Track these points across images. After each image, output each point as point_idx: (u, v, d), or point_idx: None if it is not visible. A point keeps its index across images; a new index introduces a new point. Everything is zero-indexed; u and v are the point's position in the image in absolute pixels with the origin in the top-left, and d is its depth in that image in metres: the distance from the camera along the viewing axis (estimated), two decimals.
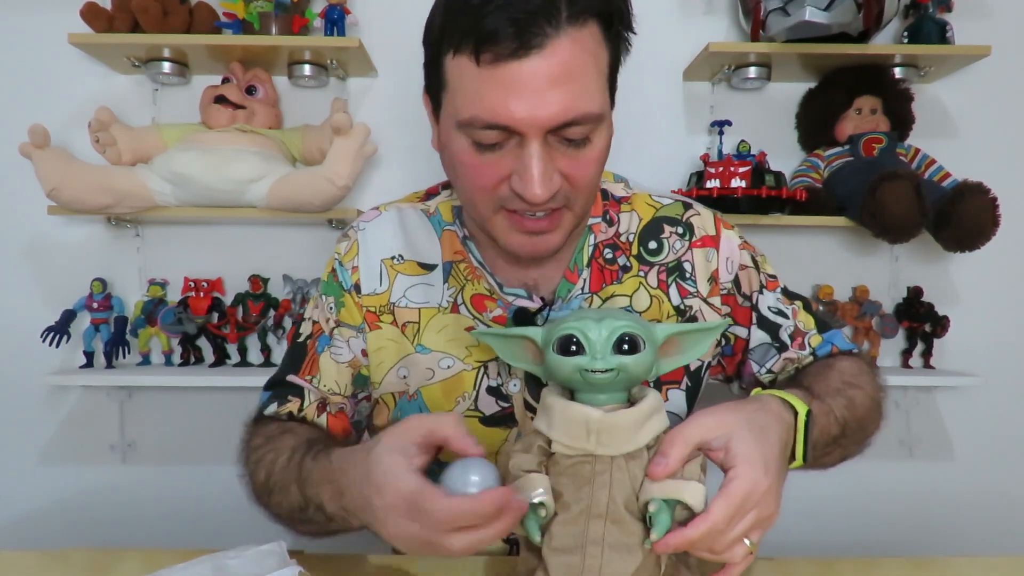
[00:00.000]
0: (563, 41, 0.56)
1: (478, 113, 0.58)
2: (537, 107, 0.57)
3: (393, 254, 0.76)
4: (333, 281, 0.77)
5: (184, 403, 1.46)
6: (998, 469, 1.50)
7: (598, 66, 0.60)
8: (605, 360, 0.50)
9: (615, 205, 0.78)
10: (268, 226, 1.44)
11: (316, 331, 0.77)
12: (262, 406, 0.77)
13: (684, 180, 1.41)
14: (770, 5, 1.24)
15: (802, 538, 1.45)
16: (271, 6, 1.28)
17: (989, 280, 1.46)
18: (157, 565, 0.59)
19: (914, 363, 1.46)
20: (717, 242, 0.76)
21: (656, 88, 1.43)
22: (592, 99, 0.59)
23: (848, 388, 0.68)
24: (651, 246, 0.76)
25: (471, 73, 0.58)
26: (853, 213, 1.28)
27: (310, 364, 0.76)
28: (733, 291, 0.77)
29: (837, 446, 0.65)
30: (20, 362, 1.43)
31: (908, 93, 1.37)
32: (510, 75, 0.56)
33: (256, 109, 1.31)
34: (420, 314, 0.74)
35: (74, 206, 1.24)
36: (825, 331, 0.77)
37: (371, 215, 0.80)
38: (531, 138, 0.58)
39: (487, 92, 0.57)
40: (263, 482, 0.66)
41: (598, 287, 0.74)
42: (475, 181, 0.63)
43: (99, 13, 1.25)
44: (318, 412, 0.75)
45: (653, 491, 0.49)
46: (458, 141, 0.62)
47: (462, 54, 0.58)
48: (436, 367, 0.74)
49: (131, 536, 1.46)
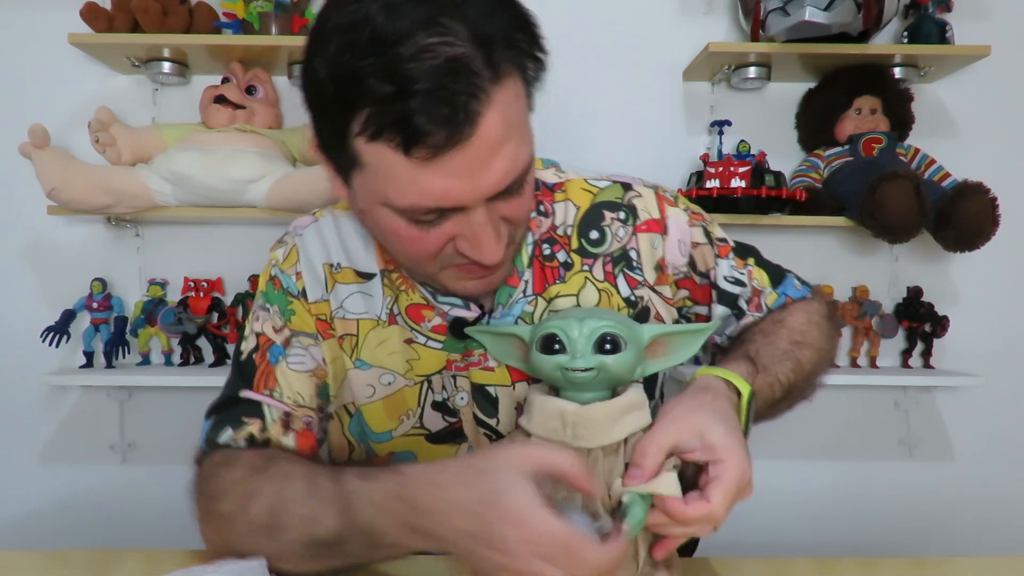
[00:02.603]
0: (492, 112, 0.51)
1: (417, 201, 0.54)
2: (481, 183, 0.54)
3: (332, 261, 0.70)
4: (275, 289, 0.69)
5: (184, 403, 1.45)
6: (998, 469, 1.50)
7: (524, 109, 0.57)
8: (585, 359, 0.51)
9: (548, 194, 0.72)
10: (268, 226, 1.44)
11: (264, 343, 0.68)
12: (209, 436, 0.66)
13: (684, 180, 1.41)
14: (770, 5, 1.24)
15: (802, 538, 1.44)
16: (271, 6, 1.28)
17: (989, 280, 1.46)
18: (157, 565, 0.59)
19: (914, 363, 1.46)
20: (663, 225, 0.71)
21: (656, 88, 1.43)
22: (527, 147, 0.57)
23: (796, 348, 0.68)
24: (592, 236, 0.71)
25: (400, 165, 0.52)
26: (853, 213, 1.28)
27: (264, 377, 0.66)
28: (690, 273, 0.73)
29: (782, 405, 0.67)
30: (20, 362, 1.43)
31: (908, 93, 1.37)
32: (447, 165, 0.52)
33: (256, 109, 1.31)
34: (359, 326, 0.69)
35: (74, 206, 1.24)
36: (779, 283, 0.76)
37: (306, 220, 0.73)
38: (476, 208, 0.55)
39: (425, 182, 0.53)
40: (263, 517, 0.56)
41: (541, 288, 0.69)
42: (415, 250, 0.59)
43: (99, 13, 1.25)
44: (283, 430, 0.65)
45: (629, 488, 0.49)
46: (388, 217, 0.57)
47: (382, 143, 0.51)
48: (377, 383, 0.69)
49: (131, 536, 1.45)
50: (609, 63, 1.41)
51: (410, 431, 0.69)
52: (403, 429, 0.69)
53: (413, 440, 0.69)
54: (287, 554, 0.56)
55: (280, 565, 0.56)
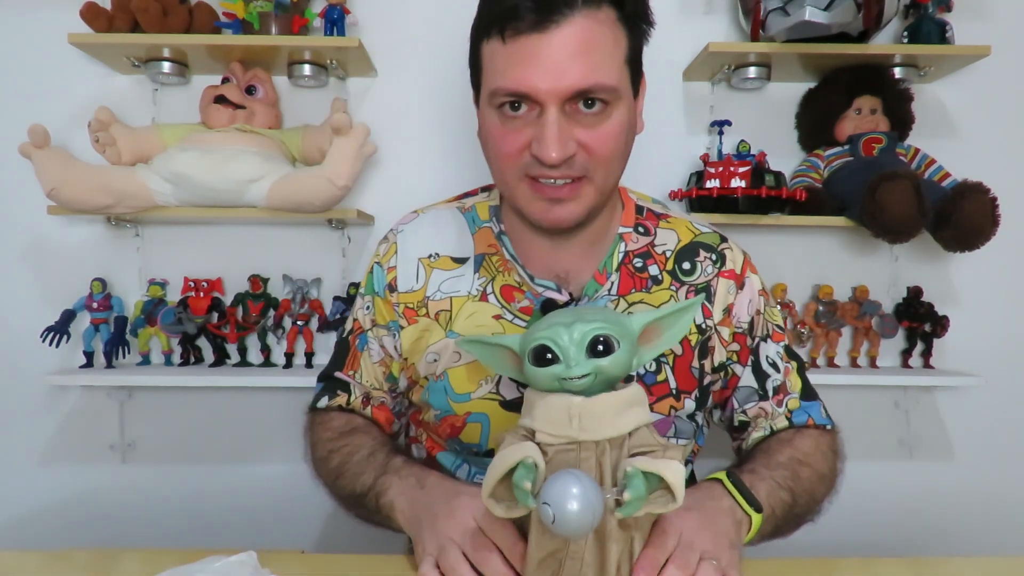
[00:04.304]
0: (578, 18, 0.62)
1: (502, 84, 0.65)
2: (554, 76, 0.63)
3: (429, 252, 0.82)
4: (371, 282, 0.85)
5: (184, 403, 1.46)
6: (998, 469, 1.50)
7: (614, 45, 0.66)
8: (580, 366, 0.50)
9: (654, 219, 0.83)
10: (268, 226, 1.44)
11: (357, 328, 0.86)
12: (316, 397, 0.87)
13: (684, 180, 1.41)
14: (770, 5, 1.24)
15: (802, 538, 1.44)
16: (271, 6, 1.28)
17: (989, 280, 1.46)
18: (157, 565, 0.59)
19: (914, 363, 1.46)
20: (741, 281, 0.81)
21: (656, 88, 1.41)
22: (608, 73, 0.65)
23: (795, 464, 0.74)
24: (685, 267, 0.81)
25: (499, 51, 0.65)
26: (853, 213, 1.28)
27: (352, 360, 0.86)
28: (746, 332, 0.81)
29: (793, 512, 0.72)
30: (20, 362, 1.43)
31: (908, 93, 1.37)
32: (530, 48, 0.63)
33: (256, 109, 1.31)
34: (452, 303, 0.80)
35: (74, 206, 1.24)
36: (808, 399, 0.82)
37: (408, 218, 0.87)
38: (549, 105, 0.64)
39: (510, 64, 0.64)
40: (335, 467, 0.77)
41: (626, 291, 0.78)
42: (500, 149, 0.69)
43: (99, 13, 1.25)
44: (363, 405, 0.85)
45: (635, 463, 0.49)
46: (488, 117, 0.69)
47: (492, 38, 0.66)
48: (463, 350, 0.78)
49: (131, 536, 1.45)
50: None
51: (487, 395, 0.77)
52: (480, 393, 0.78)
53: (488, 404, 0.77)
54: (341, 497, 0.76)
55: (342, 505, 0.77)
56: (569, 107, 0.65)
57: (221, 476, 1.46)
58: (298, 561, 0.69)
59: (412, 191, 1.38)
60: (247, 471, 1.45)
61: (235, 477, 1.45)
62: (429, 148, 1.43)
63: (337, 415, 0.84)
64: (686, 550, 0.55)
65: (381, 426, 0.85)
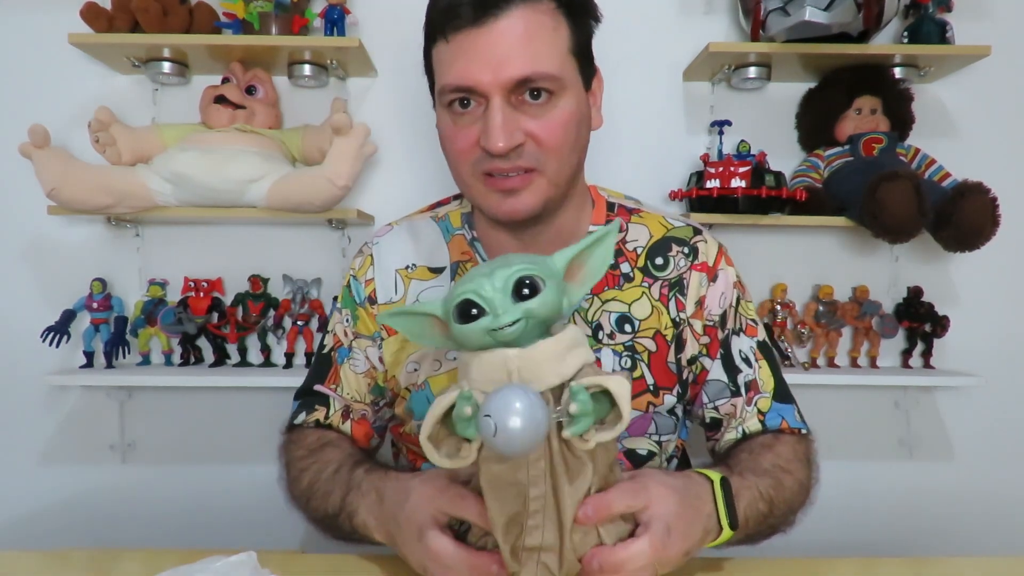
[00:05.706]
0: (516, 10, 0.64)
1: (448, 80, 0.67)
2: (495, 67, 0.64)
3: (406, 263, 0.82)
4: (348, 295, 0.84)
5: (184, 403, 1.46)
6: (998, 469, 1.50)
7: (555, 34, 0.67)
8: (509, 312, 0.47)
9: (625, 215, 0.83)
10: (268, 226, 1.44)
11: (336, 343, 0.85)
12: (293, 415, 0.85)
13: (684, 180, 1.41)
14: (770, 5, 1.24)
15: (802, 538, 1.44)
16: (271, 6, 1.28)
17: (989, 280, 1.46)
18: (157, 565, 0.59)
19: (914, 363, 1.46)
20: (714, 273, 0.81)
21: (656, 88, 1.43)
22: (549, 62, 0.66)
23: (778, 471, 0.71)
24: (658, 262, 0.80)
25: (444, 50, 0.68)
26: (853, 213, 1.28)
27: (334, 374, 0.84)
28: (717, 325, 0.81)
29: (767, 522, 0.69)
30: (20, 362, 1.43)
31: (908, 93, 1.37)
32: (470, 42, 0.65)
33: (256, 109, 1.31)
34: None
35: (74, 206, 1.24)
36: (782, 401, 0.79)
37: (384, 230, 0.87)
38: (493, 96, 0.65)
39: (454, 60, 0.66)
40: (305, 488, 0.74)
41: (599, 290, 0.78)
42: (454, 147, 0.70)
43: (99, 13, 1.25)
44: (343, 419, 0.83)
45: (578, 379, 0.48)
46: (442, 118, 0.71)
47: (438, 40, 0.68)
48: (443, 359, 0.79)
49: (131, 536, 1.45)
50: (609, 63, 1.40)
51: None
52: None
53: None
54: (315, 519, 0.73)
55: (316, 527, 0.74)
56: (515, 98, 0.66)
57: (221, 476, 1.45)
58: (298, 561, 0.69)
59: (412, 191, 1.38)
60: (247, 471, 1.45)
61: (235, 477, 1.45)
62: (429, 148, 1.42)
63: (311, 432, 0.81)
64: (662, 532, 0.55)
65: (357, 441, 0.83)
